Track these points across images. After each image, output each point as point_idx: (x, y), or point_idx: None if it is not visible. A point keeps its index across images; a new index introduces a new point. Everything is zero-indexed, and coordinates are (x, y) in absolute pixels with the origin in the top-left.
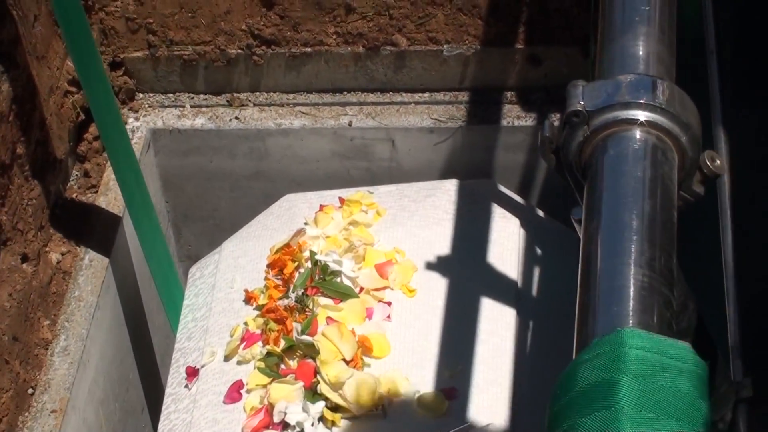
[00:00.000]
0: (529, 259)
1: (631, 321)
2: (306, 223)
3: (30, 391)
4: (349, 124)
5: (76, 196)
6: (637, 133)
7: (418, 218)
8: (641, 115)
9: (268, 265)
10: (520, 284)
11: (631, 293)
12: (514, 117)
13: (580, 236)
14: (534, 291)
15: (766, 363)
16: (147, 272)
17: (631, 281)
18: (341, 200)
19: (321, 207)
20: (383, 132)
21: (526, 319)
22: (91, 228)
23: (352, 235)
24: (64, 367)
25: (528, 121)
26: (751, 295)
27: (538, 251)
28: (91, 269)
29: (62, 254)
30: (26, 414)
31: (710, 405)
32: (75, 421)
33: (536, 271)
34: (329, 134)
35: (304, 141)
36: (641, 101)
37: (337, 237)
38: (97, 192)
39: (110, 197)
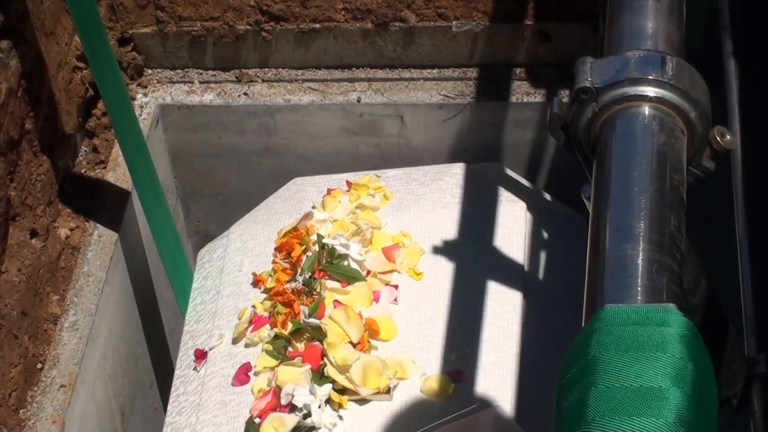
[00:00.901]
0: (535, 243)
1: (639, 298)
2: (313, 207)
3: (39, 366)
4: (358, 101)
5: (85, 172)
6: (646, 110)
7: (425, 202)
8: (650, 91)
9: (276, 249)
10: (526, 267)
11: (640, 270)
12: (523, 93)
13: (590, 213)
14: (540, 274)
15: None
16: (156, 248)
17: (640, 257)
18: (348, 184)
19: (328, 191)
20: (392, 108)
21: (532, 302)
22: (99, 203)
23: (359, 218)
24: (73, 342)
25: (537, 97)
26: (765, 270)
27: (545, 234)
28: (99, 244)
29: (71, 229)
30: (35, 389)
31: (722, 381)
32: (84, 396)
33: (543, 255)
34: (338, 110)
35: (313, 117)
36: (650, 77)
37: (345, 220)
38: (105, 168)
39: (119, 173)
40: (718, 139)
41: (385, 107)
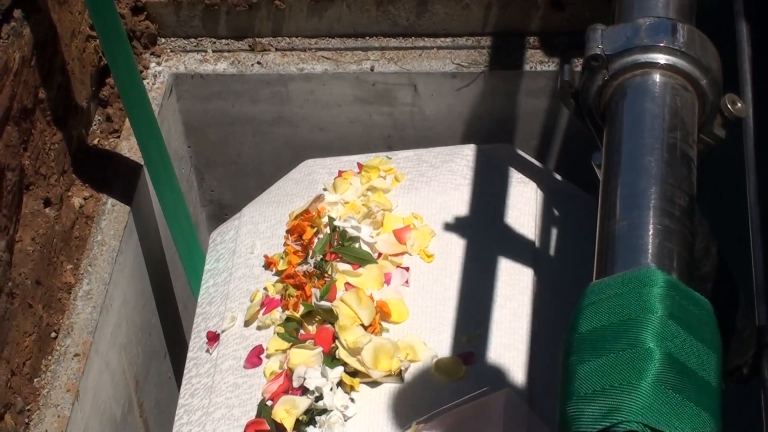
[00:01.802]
0: (545, 224)
1: (649, 264)
2: (325, 189)
3: (53, 335)
4: (371, 69)
5: (99, 141)
6: (657, 77)
7: (436, 183)
8: (661, 59)
9: (288, 231)
10: (537, 249)
11: (650, 237)
12: (537, 62)
13: (600, 180)
14: (551, 255)
15: None
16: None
17: (650, 225)
18: (359, 166)
19: (339, 173)
20: (405, 77)
21: (543, 283)
22: (113, 173)
23: (370, 200)
24: (86, 311)
25: (551, 66)
26: None
27: (555, 216)
28: (113, 214)
29: (85, 199)
30: (49, 357)
31: (733, 349)
32: (98, 365)
33: (553, 236)
34: (351, 79)
35: (327, 86)
36: (661, 44)
37: (356, 203)
38: (119, 137)
39: (132, 142)
40: (729, 106)
41: (399, 76)
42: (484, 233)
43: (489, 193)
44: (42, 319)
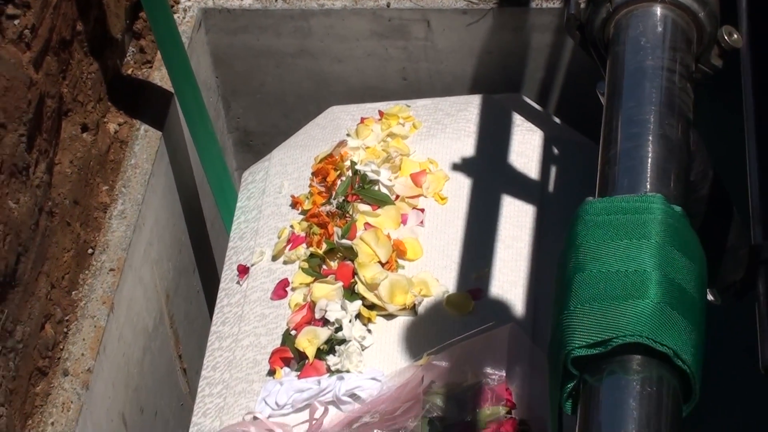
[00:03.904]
0: (550, 170)
1: (649, 186)
2: (348, 135)
3: (90, 251)
4: (387, 5)
5: (132, 71)
6: (657, 9)
7: (450, 131)
8: None
9: (313, 173)
10: (542, 193)
11: (650, 160)
12: None
13: (603, 107)
14: (555, 199)
15: None
16: (197, 143)
17: (650, 148)
18: (380, 113)
19: (362, 119)
20: (419, 13)
21: (547, 225)
22: (146, 100)
23: (389, 146)
24: (121, 229)
25: (555, 3)
26: None
27: (560, 161)
28: (146, 139)
29: (119, 124)
30: (86, 272)
31: (728, 266)
32: (131, 279)
33: (557, 181)
34: (368, 14)
35: (345, 21)
36: None
37: (376, 148)
38: (151, 67)
39: (164, 72)
40: (726, 37)
41: (413, 12)
42: (493, 178)
43: (500, 141)
44: (79, 237)
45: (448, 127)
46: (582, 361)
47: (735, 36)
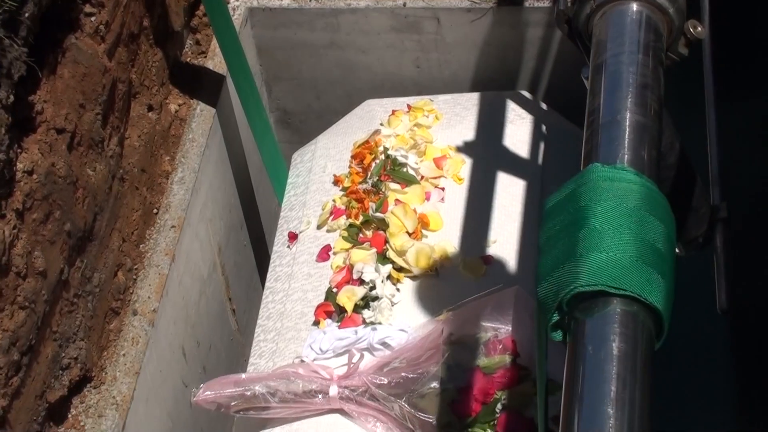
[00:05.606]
0: (550, 155)
1: (626, 155)
2: (381, 124)
3: (155, 211)
4: (404, 5)
5: (190, 60)
6: (634, 6)
7: (467, 122)
8: None
9: (352, 157)
10: (543, 175)
11: (627, 132)
12: None
13: (587, 89)
14: (554, 180)
15: (739, 191)
16: (245, 120)
17: (627, 122)
18: (408, 107)
19: (393, 111)
20: (430, 11)
21: None
22: (201, 85)
23: (416, 134)
24: (180, 192)
25: (545, 2)
26: (729, 133)
27: (557, 149)
28: (201, 117)
29: (179, 105)
30: (152, 228)
31: (690, 224)
32: (189, 235)
33: (556, 165)
34: (388, 12)
35: (368, 18)
36: None
37: (405, 136)
38: (206, 57)
39: (216, 61)
40: (691, 30)
41: (425, 10)
42: (502, 162)
43: (507, 132)
44: (146, 199)
45: (465, 119)
46: (576, 298)
47: (699, 28)
